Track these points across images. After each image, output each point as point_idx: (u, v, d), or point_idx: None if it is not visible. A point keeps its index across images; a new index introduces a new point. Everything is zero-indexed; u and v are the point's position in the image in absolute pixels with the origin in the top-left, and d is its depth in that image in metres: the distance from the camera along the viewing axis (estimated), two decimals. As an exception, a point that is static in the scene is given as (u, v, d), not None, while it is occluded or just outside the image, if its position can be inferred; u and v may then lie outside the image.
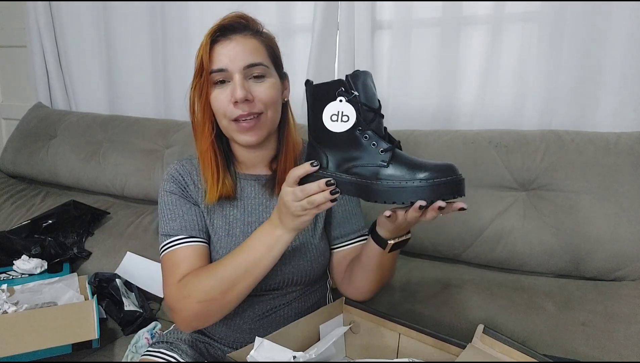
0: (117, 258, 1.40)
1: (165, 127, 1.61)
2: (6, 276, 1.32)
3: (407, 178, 0.63)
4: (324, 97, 0.69)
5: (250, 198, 0.91)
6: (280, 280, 0.88)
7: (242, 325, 0.90)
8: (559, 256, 1.04)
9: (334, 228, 0.93)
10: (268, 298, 0.90)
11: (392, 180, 0.64)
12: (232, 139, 0.88)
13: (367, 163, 0.67)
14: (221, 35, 0.82)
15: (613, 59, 1.13)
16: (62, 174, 1.75)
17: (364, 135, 0.67)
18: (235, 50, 0.81)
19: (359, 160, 0.67)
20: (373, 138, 0.67)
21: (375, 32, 1.38)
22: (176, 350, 0.91)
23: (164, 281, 0.85)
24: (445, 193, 0.62)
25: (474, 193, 1.12)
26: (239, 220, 0.90)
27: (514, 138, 1.13)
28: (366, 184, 0.66)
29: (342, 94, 0.67)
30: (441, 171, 0.62)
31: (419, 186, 0.62)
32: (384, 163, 0.65)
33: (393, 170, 0.65)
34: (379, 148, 0.66)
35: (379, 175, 0.65)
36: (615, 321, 0.91)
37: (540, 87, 1.21)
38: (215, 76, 0.82)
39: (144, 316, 1.21)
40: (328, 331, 0.82)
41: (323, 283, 0.99)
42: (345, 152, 0.68)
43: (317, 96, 0.70)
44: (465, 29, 1.28)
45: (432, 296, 1.06)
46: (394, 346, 0.79)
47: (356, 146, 0.68)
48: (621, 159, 1.03)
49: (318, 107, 0.69)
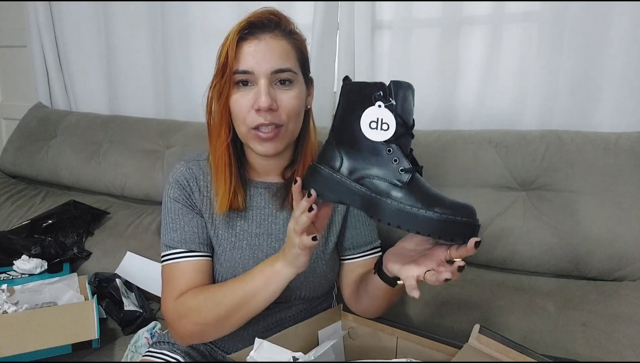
0: (117, 258, 1.40)
1: (165, 127, 1.61)
2: (6, 276, 1.32)
3: (420, 206, 0.59)
4: (358, 97, 0.64)
5: (259, 208, 0.87)
6: (288, 294, 0.84)
7: (245, 337, 0.88)
8: (559, 256, 1.04)
9: (346, 239, 0.89)
10: (274, 311, 0.88)
11: (404, 203, 0.60)
12: (248, 146, 0.83)
13: (382, 177, 0.63)
14: (249, 33, 0.75)
15: (613, 59, 1.13)
16: (62, 174, 1.75)
17: (387, 148, 0.63)
18: (264, 51, 0.75)
19: (374, 172, 0.63)
20: (396, 153, 0.63)
21: (375, 32, 1.37)
22: (178, 352, 0.91)
23: (162, 292, 0.84)
24: (458, 234, 0.59)
25: (474, 193, 1.12)
26: (246, 232, 0.86)
27: (514, 137, 1.13)
28: (374, 199, 0.62)
29: (380, 99, 0.63)
30: (459, 210, 0.59)
31: (431, 217, 0.58)
32: (399, 183, 0.61)
33: (407, 193, 0.61)
34: (399, 165, 0.62)
35: (390, 194, 0.61)
36: (615, 321, 0.91)
37: (540, 87, 1.21)
38: (239, 77, 0.76)
39: (143, 316, 1.21)
40: (327, 337, 0.81)
41: (329, 295, 0.97)
42: (363, 160, 0.64)
43: (352, 96, 0.66)
44: (465, 29, 1.27)
45: (431, 296, 1.06)
46: (392, 349, 0.79)
47: (376, 156, 0.63)
48: (621, 159, 1.03)
49: (351, 107, 0.65)
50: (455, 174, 1.15)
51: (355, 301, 0.85)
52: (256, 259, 0.85)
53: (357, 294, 0.85)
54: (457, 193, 1.13)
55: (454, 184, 1.14)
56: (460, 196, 1.11)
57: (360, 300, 0.84)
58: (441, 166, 1.16)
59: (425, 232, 0.59)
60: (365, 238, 0.89)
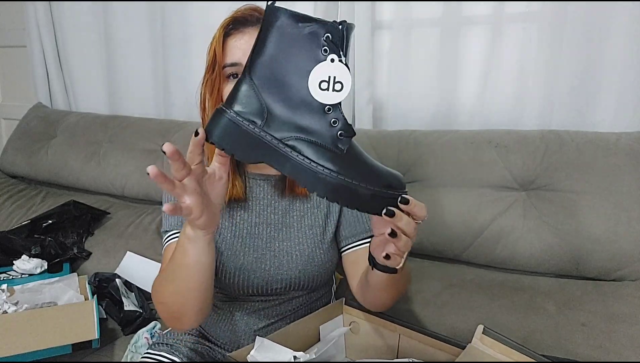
0: (117, 258, 1.40)
1: (165, 127, 1.61)
2: (6, 276, 1.32)
3: (360, 180, 0.52)
4: (299, 38, 0.52)
5: (258, 198, 0.89)
6: (287, 283, 0.86)
7: (247, 331, 0.89)
8: (559, 256, 1.04)
9: (343, 228, 0.90)
10: (273, 303, 0.89)
11: (343, 176, 0.52)
12: None
13: (316, 142, 0.53)
14: (234, 28, 0.80)
15: (613, 59, 1.13)
16: (62, 174, 1.75)
17: (327, 105, 0.53)
18: (249, 43, 0.75)
19: (307, 134, 0.53)
20: (336, 112, 0.53)
21: (375, 32, 1.37)
22: (176, 353, 0.91)
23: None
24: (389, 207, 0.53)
25: (474, 193, 1.12)
26: (246, 221, 0.88)
27: (514, 138, 1.13)
28: (309, 168, 0.53)
29: (332, 49, 0.52)
30: (393, 181, 0.54)
31: (372, 194, 0.52)
32: (337, 150, 0.53)
33: (346, 164, 0.53)
34: (339, 128, 0.53)
35: (327, 164, 0.52)
36: (615, 321, 0.91)
37: (540, 87, 1.21)
38: (228, 70, 0.79)
39: (143, 316, 1.21)
40: (328, 332, 0.81)
41: (328, 290, 0.98)
42: (294, 115, 0.53)
43: (289, 32, 0.53)
44: (465, 29, 1.28)
45: (432, 296, 1.06)
46: (394, 347, 0.79)
47: (311, 113, 0.53)
48: (621, 159, 1.03)
49: (287, 49, 0.53)
50: (455, 174, 1.15)
51: (362, 296, 0.85)
52: (256, 247, 0.87)
53: (362, 288, 0.84)
54: (457, 193, 1.13)
55: (454, 184, 1.14)
56: (460, 196, 1.13)
57: (366, 294, 0.83)
58: (441, 166, 1.16)
59: (364, 209, 0.54)
60: (363, 225, 0.89)
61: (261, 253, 0.87)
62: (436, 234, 1.15)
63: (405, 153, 1.20)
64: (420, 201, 0.57)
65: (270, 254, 0.87)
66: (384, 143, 1.24)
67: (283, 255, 0.86)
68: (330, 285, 0.99)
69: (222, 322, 0.92)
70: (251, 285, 0.86)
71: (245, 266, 0.85)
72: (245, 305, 0.90)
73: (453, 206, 1.13)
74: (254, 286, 0.86)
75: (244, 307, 0.90)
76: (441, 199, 1.14)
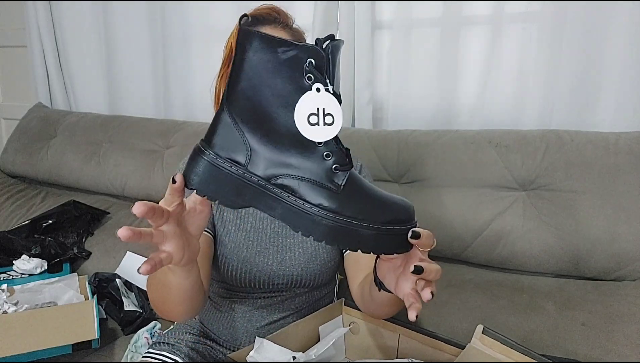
0: (117, 258, 1.40)
1: (165, 127, 1.61)
2: (6, 276, 1.32)
3: (361, 219, 0.46)
4: (279, 64, 0.45)
5: None
6: (289, 279, 0.87)
7: (249, 329, 0.90)
8: (559, 256, 1.04)
9: None
10: (275, 300, 0.90)
11: (342, 216, 0.46)
12: None
13: (309, 178, 0.47)
14: (251, 25, 0.81)
15: (613, 59, 1.13)
16: (62, 174, 1.75)
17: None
18: None
19: (295, 171, 0.47)
20: (329, 144, 0.47)
21: (375, 32, 1.37)
22: (177, 353, 0.91)
23: None
24: (401, 245, 0.49)
25: (474, 193, 1.13)
26: (251, 215, 0.89)
27: (514, 138, 1.13)
28: (300, 210, 0.46)
29: (317, 77, 0.45)
30: (402, 214, 0.48)
31: (377, 233, 0.46)
32: (333, 187, 0.47)
33: (344, 202, 0.46)
34: (334, 161, 0.47)
35: (322, 204, 0.46)
36: (615, 321, 0.91)
37: (540, 87, 1.21)
38: None
39: (143, 316, 1.21)
40: (328, 332, 0.81)
41: (331, 289, 0.98)
42: (281, 152, 0.47)
43: (267, 58, 0.46)
44: (465, 29, 1.27)
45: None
46: (394, 347, 0.79)
47: (300, 149, 0.47)
48: (621, 159, 1.03)
49: (268, 78, 0.46)
50: (455, 174, 1.15)
51: (364, 306, 0.82)
52: (259, 241, 0.88)
53: (366, 302, 0.81)
54: (457, 193, 1.13)
55: (454, 184, 1.14)
56: (460, 196, 1.13)
57: (369, 306, 0.80)
58: (441, 166, 1.16)
59: (367, 250, 0.47)
60: None
61: (264, 247, 0.87)
62: (436, 234, 1.14)
63: (405, 153, 1.20)
64: (426, 230, 0.52)
65: (273, 249, 0.88)
66: (384, 143, 1.24)
67: (286, 251, 0.87)
68: (333, 285, 0.99)
69: (225, 319, 0.92)
70: (254, 278, 0.86)
71: (248, 259, 0.86)
72: (247, 302, 0.90)
73: (453, 206, 1.13)
74: (256, 280, 0.87)
75: (246, 304, 0.90)
76: (441, 199, 1.14)
